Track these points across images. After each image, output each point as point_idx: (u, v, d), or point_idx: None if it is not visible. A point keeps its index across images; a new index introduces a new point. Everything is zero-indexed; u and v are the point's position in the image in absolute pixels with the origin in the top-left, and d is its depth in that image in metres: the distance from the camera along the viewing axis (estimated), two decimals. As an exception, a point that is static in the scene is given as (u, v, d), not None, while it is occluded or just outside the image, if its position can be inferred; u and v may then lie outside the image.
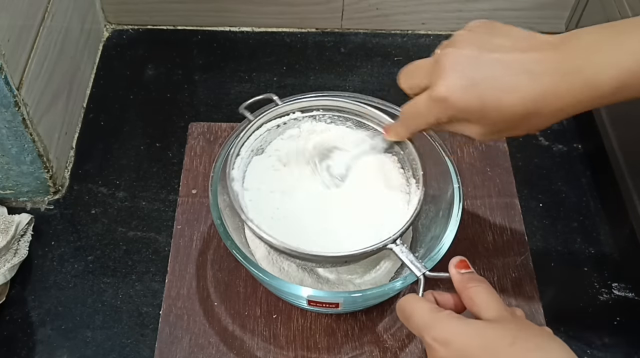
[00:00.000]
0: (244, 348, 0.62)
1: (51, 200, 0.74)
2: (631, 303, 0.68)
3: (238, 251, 0.56)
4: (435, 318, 0.45)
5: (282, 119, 0.62)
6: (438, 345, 0.43)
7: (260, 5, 0.89)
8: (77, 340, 0.65)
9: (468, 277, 0.48)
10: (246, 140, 0.60)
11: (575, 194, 0.76)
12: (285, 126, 0.62)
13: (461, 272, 0.48)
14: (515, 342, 0.41)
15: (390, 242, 0.53)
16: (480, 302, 0.45)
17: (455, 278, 0.48)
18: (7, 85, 0.61)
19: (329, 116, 0.63)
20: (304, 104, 0.62)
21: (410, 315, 0.46)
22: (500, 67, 0.45)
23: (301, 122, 0.62)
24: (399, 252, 0.53)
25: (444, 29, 0.93)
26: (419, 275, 0.52)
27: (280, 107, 0.61)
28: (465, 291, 0.47)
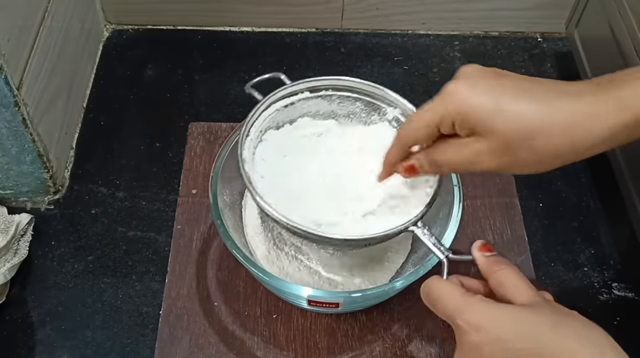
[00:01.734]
0: (244, 348, 0.62)
1: (51, 200, 0.74)
2: (631, 303, 0.68)
3: (238, 251, 0.56)
4: (468, 302, 0.43)
5: (291, 99, 0.60)
6: (471, 330, 0.42)
7: (260, 5, 0.89)
8: (77, 340, 0.65)
9: (494, 260, 0.46)
10: (255, 121, 0.58)
11: (575, 194, 0.76)
12: (293, 107, 0.60)
13: (486, 255, 0.47)
14: (554, 327, 0.40)
15: (412, 224, 0.52)
16: (510, 285, 0.44)
17: (481, 261, 0.47)
18: (7, 85, 0.61)
19: (338, 96, 0.61)
20: (313, 83, 0.60)
21: (439, 298, 0.44)
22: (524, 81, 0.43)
23: (309, 102, 0.61)
24: (420, 234, 0.52)
25: (444, 29, 0.93)
26: (442, 257, 0.50)
27: (288, 86, 0.60)
28: (493, 275, 0.45)
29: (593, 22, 0.81)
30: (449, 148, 0.46)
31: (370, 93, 0.60)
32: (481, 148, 0.43)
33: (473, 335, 0.42)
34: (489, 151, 0.43)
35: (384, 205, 0.56)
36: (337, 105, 0.62)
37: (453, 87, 0.43)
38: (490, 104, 0.42)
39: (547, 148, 0.42)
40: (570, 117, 0.41)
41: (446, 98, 0.43)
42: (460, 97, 0.43)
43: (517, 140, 0.42)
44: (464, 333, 0.42)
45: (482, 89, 0.42)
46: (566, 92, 0.41)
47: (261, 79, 0.60)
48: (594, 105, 0.40)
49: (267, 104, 0.59)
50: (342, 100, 0.61)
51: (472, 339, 0.42)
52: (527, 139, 0.42)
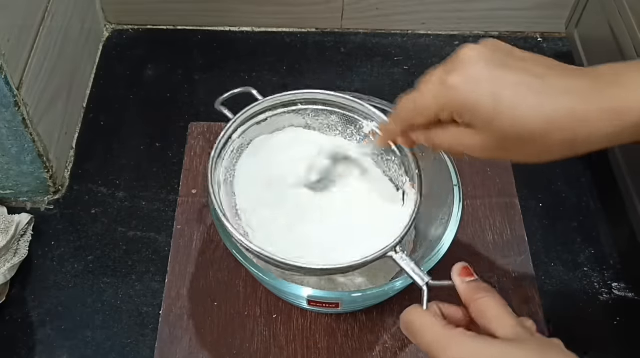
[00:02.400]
0: (244, 348, 0.62)
1: (51, 200, 0.74)
2: (631, 303, 0.68)
3: (238, 251, 0.56)
4: (450, 336, 0.42)
5: (263, 115, 0.59)
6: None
7: (260, 5, 0.89)
8: (77, 340, 0.65)
9: (475, 286, 0.45)
10: (227, 141, 0.58)
11: (575, 194, 0.76)
12: (266, 123, 0.60)
13: (466, 281, 0.46)
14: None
15: (390, 249, 0.51)
16: (492, 316, 0.43)
17: (461, 288, 0.46)
18: (7, 85, 0.61)
19: (312, 109, 0.60)
20: (286, 98, 0.59)
21: (419, 331, 0.43)
22: (526, 75, 0.41)
23: (283, 117, 0.60)
24: (399, 260, 0.51)
25: (444, 29, 0.93)
26: (422, 284, 0.49)
27: (261, 102, 0.58)
28: (473, 303, 0.44)
29: (593, 22, 0.81)
30: (446, 134, 0.45)
31: (345, 106, 0.60)
32: (477, 141, 0.43)
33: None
34: (484, 144, 0.43)
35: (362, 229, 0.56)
36: (312, 119, 0.61)
37: (455, 79, 0.42)
38: (490, 102, 0.41)
39: (543, 148, 0.42)
40: (570, 117, 0.40)
41: (447, 92, 0.43)
42: (461, 92, 0.42)
43: (513, 140, 0.42)
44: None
45: (483, 85, 0.42)
46: (569, 89, 0.41)
47: (232, 94, 0.59)
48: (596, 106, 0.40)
49: (239, 122, 0.58)
50: (317, 113, 0.61)
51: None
52: (524, 139, 0.42)
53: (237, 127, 0.58)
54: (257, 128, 0.60)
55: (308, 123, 0.61)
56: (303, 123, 0.61)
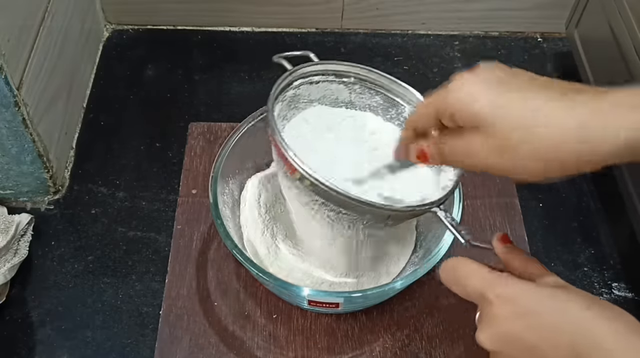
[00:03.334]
0: (244, 348, 0.62)
1: (51, 200, 0.74)
2: (631, 303, 0.68)
3: (238, 251, 0.56)
4: (498, 277, 0.43)
5: (316, 78, 0.60)
6: (502, 302, 0.41)
7: (260, 5, 0.89)
8: (77, 340, 0.65)
9: (514, 248, 0.47)
10: (284, 88, 0.58)
11: (575, 194, 0.76)
12: (317, 86, 0.60)
13: (507, 246, 0.47)
14: (590, 307, 0.40)
15: (436, 205, 0.52)
16: (536, 269, 0.44)
17: (501, 250, 0.47)
18: (7, 85, 0.61)
19: (359, 86, 0.61)
20: (339, 67, 0.60)
21: (465, 276, 0.44)
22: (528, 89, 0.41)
23: (332, 86, 0.61)
24: (442, 217, 0.52)
25: (444, 29, 0.93)
26: (464, 241, 0.51)
27: (316, 64, 0.59)
28: (516, 259, 0.46)
29: (593, 22, 0.81)
30: (450, 138, 0.45)
31: (391, 89, 0.60)
32: (479, 142, 0.43)
33: (503, 307, 0.41)
34: (487, 145, 0.43)
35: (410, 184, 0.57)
36: (357, 95, 0.61)
37: (456, 84, 0.43)
38: (490, 101, 0.41)
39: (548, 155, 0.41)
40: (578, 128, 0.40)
41: (448, 94, 0.43)
42: (460, 94, 0.42)
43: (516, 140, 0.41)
44: (494, 306, 0.42)
45: (484, 85, 0.42)
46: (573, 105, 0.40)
47: (292, 54, 0.60)
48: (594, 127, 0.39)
49: (295, 76, 0.59)
50: (363, 91, 0.61)
51: (501, 312, 0.41)
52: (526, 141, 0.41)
53: (293, 79, 0.59)
54: (309, 87, 0.60)
55: (352, 99, 0.62)
56: (347, 98, 0.62)
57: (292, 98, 0.59)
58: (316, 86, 0.60)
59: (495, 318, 0.42)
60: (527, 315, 0.41)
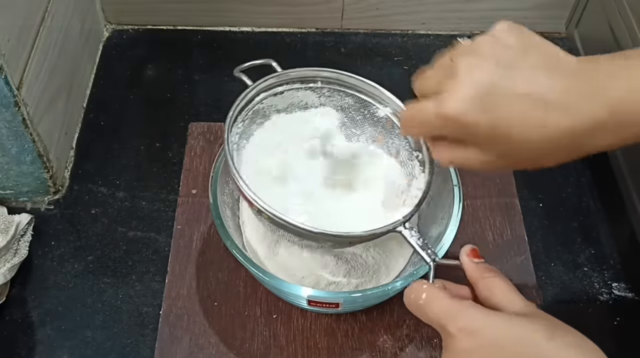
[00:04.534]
0: (244, 348, 0.62)
1: (51, 200, 0.74)
2: (631, 303, 0.68)
3: (238, 251, 0.57)
4: (459, 306, 0.42)
5: (281, 88, 0.59)
6: (464, 336, 0.40)
7: (260, 5, 0.89)
8: (77, 340, 0.65)
9: (483, 267, 0.45)
10: (244, 106, 0.57)
11: (575, 194, 0.76)
12: (282, 96, 0.59)
13: (475, 261, 0.46)
14: (553, 336, 0.40)
15: (400, 224, 0.51)
16: (501, 294, 0.43)
17: (469, 267, 0.46)
18: (7, 85, 0.61)
19: (328, 89, 0.59)
20: (305, 73, 0.59)
21: (426, 303, 0.43)
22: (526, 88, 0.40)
23: (299, 93, 0.59)
24: (408, 236, 0.51)
25: (444, 29, 0.93)
26: (429, 261, 0.49)
27: (280, 74, 0.58)
28: (482, 280, 0.44)
29: (593, 22, 0.81)
30: (449, 150, 0.45)
31: (361, 89, 0.59)
32: (480, 157, 0.43)
33: (465, 340, 0.40)
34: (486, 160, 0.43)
35: (373, 205, 0.56)
36: (327, 98, 0.60)
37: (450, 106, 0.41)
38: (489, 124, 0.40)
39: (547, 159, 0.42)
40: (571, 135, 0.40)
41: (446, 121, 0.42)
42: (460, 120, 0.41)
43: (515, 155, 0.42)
44: (456, 340, 0.41)
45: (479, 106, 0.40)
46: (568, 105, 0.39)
47: (252, 64, 0.59)
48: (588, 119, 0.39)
49: (256, 91, 0.58)
50: (332, 93, 0.60)
51: (464, 345, 0.40)
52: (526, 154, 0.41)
53: (254, 95, 0.58)
54: (273, 99, 0.59)
55: (322, 103, 0.60)
56: (317, 102, 0.60)
57: (255, 113, 0.58)
58: (281, 96, 0.59)
59: (458, 353, 0.41)
60: (489, 347, 0.40)
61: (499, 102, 0.40)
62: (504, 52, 0.41)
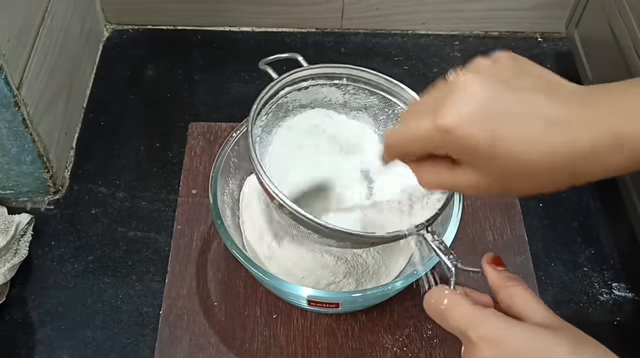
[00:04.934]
0: (244, 348, 0.62)
1: (51, 200, 0.74)
2: (631, 303, 0.68)
3: (238, 251, 0.56)
4: (481, 314, 0.41)
5: (305, 83, 0.58)
6: (485, 344, 0.39)
7: (260, 5, 0.89)
8: (77, 340, 0.65)
9: (506, 275, 0.44)
10: (268, 99, 0.56)
11: (575, 194, 0.76)
12: (307, 91, 0.58)
13: (497, 269, 0.45)
14: (576, 350, 0.39)
15: (423, 228, 0.50)
16: (524, 303, 0.42)
17: (491, 275, 0.45)
18: (7, 85, 0.61)
19: (353, 87, 0.59)
20: (330, 69, 0.58)
21: (447, 310, 0.42)
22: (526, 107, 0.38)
23: (323, 89, 0.58)
24: (430, 240, 0.50)
25: (444, 29, 0.93)
26: (451, 266, 0.48)
27: (304, 69, 0.57)
28: (505, 289, 0.43)
29: (593, 22, 0.81)
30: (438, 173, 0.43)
31: (387, 88, 0.58)
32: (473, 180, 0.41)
33: (487, 349, 0.40)
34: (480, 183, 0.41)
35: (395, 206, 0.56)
36: (351, 95, 0.59)
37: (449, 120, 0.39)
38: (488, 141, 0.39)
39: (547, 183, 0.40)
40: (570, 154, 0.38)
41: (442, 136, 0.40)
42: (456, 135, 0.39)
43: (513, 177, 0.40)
44: (477, 348, 0.40)
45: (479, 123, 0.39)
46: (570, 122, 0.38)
47: (278, 58, 0.59)
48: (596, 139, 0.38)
49: (281, 84, 0.57)
50: (357, 91, 0.59)
51: (485, 354, 0.40)
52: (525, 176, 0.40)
53: (280, 88, 0.57)
54: (298, 94, 0.58)
55: (346, 101, 0.60)
56: (341, 99, 0.59)
57: (278, 107, 0.58)
58: (305, 91, 0.58)
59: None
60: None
61: (500, 117, 0.39)
62: (504, 73, 0.40)
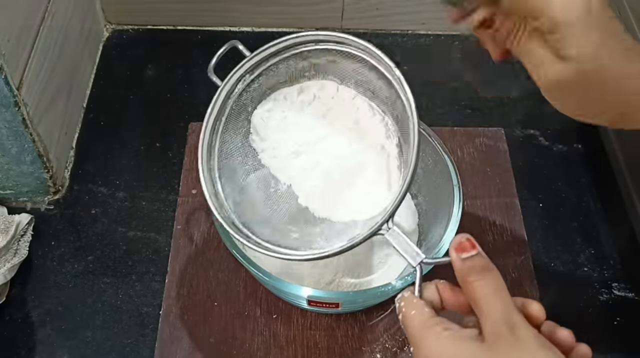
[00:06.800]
0: (244, 348, 0.62)
1: (51, 200, 0.74)
2: (631, 303, 0.68)
3: (238, 251, 0.57)
4: (427, 334, 0.39)
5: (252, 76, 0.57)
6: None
7: (260, 5, 0.89)
8: (77, 340, 0.65)
9: (469, 266, 0.39)
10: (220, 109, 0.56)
11: (575, 194, 0.76)
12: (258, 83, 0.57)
13: (462, 257, 0.39)
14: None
15: (380, 227, 0.46)
16: (481, 305, 0.38)
17: (455, 266, 0.40)
18: (7, 85, 0.61)
19: (308, 50, 0.56)
20: (275, 47, 0.56)
21: (404, 325, 0.41)
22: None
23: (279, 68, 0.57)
24: (391, 238, 0.45)
25: (444, 29, 0.93)
26: (415, 264, 0.44)
27: (250, 57, 0.55)
28: (467, 285, 0.39)
29: (593, 22, 0.81)
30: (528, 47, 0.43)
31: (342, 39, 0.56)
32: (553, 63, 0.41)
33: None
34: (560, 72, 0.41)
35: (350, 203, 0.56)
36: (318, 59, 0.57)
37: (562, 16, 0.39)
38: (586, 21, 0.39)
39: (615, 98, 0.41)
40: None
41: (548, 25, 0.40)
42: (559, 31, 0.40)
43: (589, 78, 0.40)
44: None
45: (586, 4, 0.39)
46: None
47: (219, 56, 0.57)
48: None
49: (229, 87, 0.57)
50: (312, 53, 0.57)
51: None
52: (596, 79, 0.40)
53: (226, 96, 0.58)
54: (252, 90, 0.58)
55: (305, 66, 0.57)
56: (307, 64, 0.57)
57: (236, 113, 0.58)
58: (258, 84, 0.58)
59: None
60: None
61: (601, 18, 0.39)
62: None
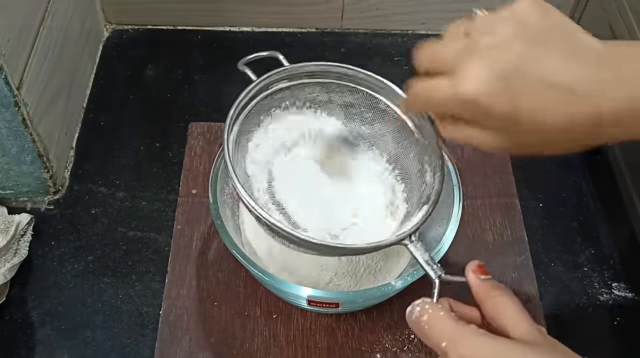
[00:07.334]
0: (244, 348, 0.62)
1: (51, 200, 0.74)
2: (631, 303, 0.68)
3: (238, 251, 0.56)
4: (462, 332, 0.40)
5: (287, 83, 0.57)
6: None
7: (260, 5, 0.89)
8: (77, 340, 0.65)
9: (490, 285, 0.43)
10: (247, 103, 0.56)
11: (575, 194, 0.76)
12: (289, 91, 0.57)
13: (481, 278, 0.44)
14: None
15: (405, 237, 0.50)
16: (508, 315, 0.41)
17: (475, 285, 0.43)
18: (7, 85, 0.61)
19: (337, 84, 0.57)
20: (312, 68, 0.56)
21: (429, 326, 0.41)
22: (543, 74, 0.38)
23: (307, 88, 0.57)
24: (413, 250, 0.49)
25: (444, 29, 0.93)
26: (435, 277, 0.47)
27: (287, 68, 0.56)
28: (488, 300, 0.42)
29: (593, 22, 0.81)
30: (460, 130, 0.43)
31: (370, 84, 0.58)
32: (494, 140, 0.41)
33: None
34: (501, 143, 0.41)
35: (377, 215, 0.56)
36: (335, 94, 0.59)
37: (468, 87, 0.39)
38: (508, 111, 0.38)
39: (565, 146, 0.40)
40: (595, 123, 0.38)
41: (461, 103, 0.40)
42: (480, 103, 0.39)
43: (532, 142, 0.40)
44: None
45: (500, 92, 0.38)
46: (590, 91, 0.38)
47: (257, 57, 0.58)
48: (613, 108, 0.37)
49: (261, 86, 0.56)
50: (341, 88, 0.58)
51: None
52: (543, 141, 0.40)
53: (258, 92, 0.56)
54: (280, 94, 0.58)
55: (330, 98, 0.59)
56: (325, 98, 0.59)
57: (258, 109, 0.57)
58: (288, 91, 0.58)
59: None
60: None
61: (521, 86, 0.38)
62: (525, 32, 0.39)
